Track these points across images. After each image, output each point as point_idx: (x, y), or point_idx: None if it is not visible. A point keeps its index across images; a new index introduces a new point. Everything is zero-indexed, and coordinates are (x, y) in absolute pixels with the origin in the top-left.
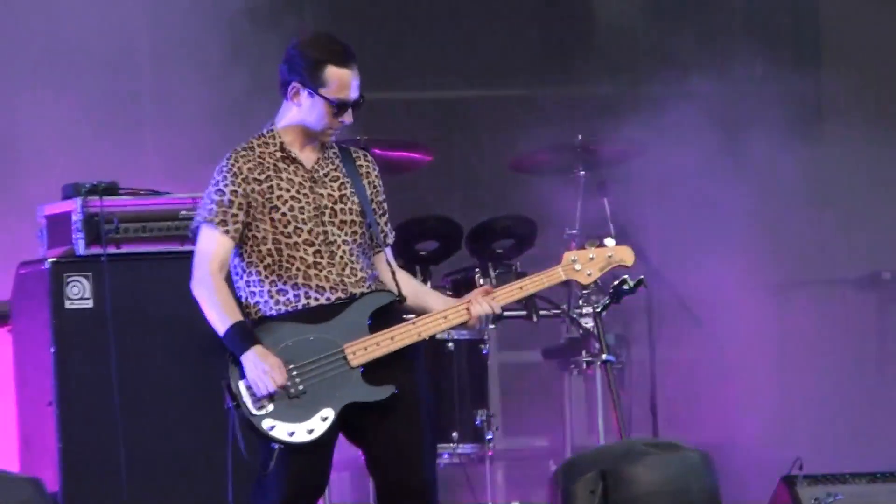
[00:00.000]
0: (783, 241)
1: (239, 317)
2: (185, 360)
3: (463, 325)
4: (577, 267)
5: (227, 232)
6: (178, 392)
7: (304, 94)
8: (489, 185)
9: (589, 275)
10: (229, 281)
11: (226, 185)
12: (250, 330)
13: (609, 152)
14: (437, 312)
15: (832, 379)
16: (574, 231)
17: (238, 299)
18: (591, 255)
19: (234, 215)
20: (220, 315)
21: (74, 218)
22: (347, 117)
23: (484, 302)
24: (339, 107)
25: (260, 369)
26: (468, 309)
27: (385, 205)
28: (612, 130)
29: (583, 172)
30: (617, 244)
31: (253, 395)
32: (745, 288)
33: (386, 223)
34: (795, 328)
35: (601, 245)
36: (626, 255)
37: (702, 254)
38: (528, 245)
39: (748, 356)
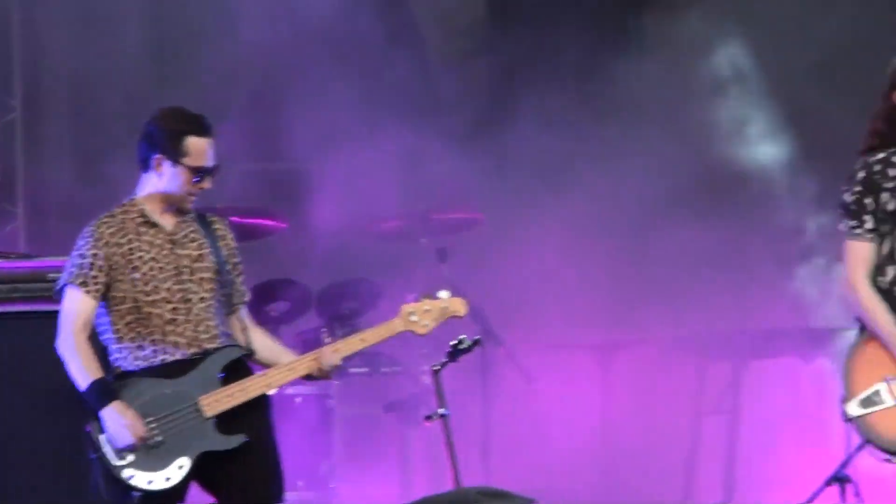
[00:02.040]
0: (603, 303)
1: (99, 373)
2: (54, 416)
3: (309, 377)
4: (414, 318)
5: (87, 292)
6: (46, 448)
7: (167, 164)
8: (340, 250)
9: (425, 325)
10: (96, 338)
11: (87, 249)
12: (110, 386)
13: (450, 221)
14: (284, 364)
15: (650, 433)
16: (414, 294)
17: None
18: (426, 308)
19: (94, 276)
20: (80, 372)
21: None
22: (207, 183)
23: (328, 354)
24: (199, 174)
25: (119, 424)
26: (314, 360)
27: (240, 266)
28: (457, 199)
29: (424, 239)
30: (452, 297)
31: (113, 446)
32: (574, 347)
33: (242, 283)
34: (617, 386)
35: (436, 298)
36: (459, 307)
37: (535, 313)
38: (371, 307)
39: (573, 411)
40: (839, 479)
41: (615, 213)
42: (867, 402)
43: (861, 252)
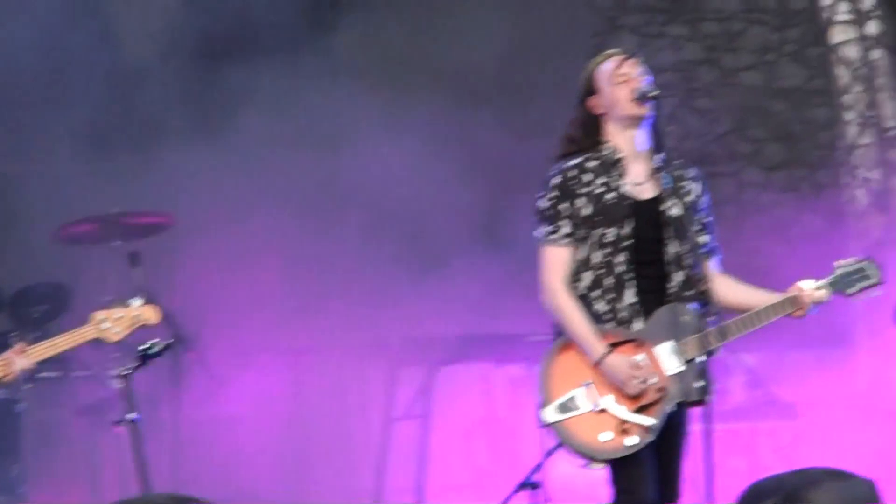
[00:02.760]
0: (295, 306)
1: None
2: None
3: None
4: (106, 325)
5: None
6: None
7: None
8: (33, 254)
9: (116, 333)
10: None
11: None
12: None
13: (142, 224)
14: None
15: (342, 436)
16: (108, 298)
17: None
18: (118, 315)
19: None
20: None
21: None
22: None
23: (18, 358)
24: None
25: None
26: (4, 365)
27: None
28: (148, 203)
29: (117, 243)
30: (144, 305)
31: None
32: (265, 349)
33: None
34: (309, 389)
35: (127, 305)
36: (151, 315)
37: (227, 317)
38: (63, 311)
39: (264, 414)
40: (530, 484)
41: (296, 218)
42: (564, 408)
43: (558, 257)
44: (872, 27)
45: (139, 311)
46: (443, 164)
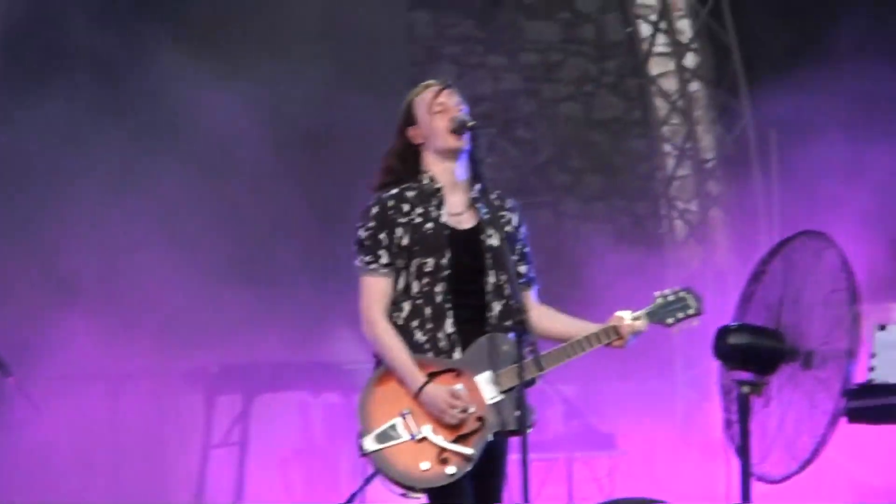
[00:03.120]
0: (114, 333)
1: None
2: None
3: None
4: None
5: None
6: None
7: None
8: None
9: None
10: None
11: None
12: None
13: None
14: None
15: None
16: None
17: None
18: None
19: None
20: None
21: None
22: None
23: None
24: None
25: None
26: None
27: None
28: None
29: None
30: None
31: None
32: (85, 377)
33: None
34: (128, 416)
35: None
36: None
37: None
38: None
39: (82, 441)
40: None
41: (111, 248)
42: (383, 437)
43: (377, 287)
44: (690, 59)
45: None
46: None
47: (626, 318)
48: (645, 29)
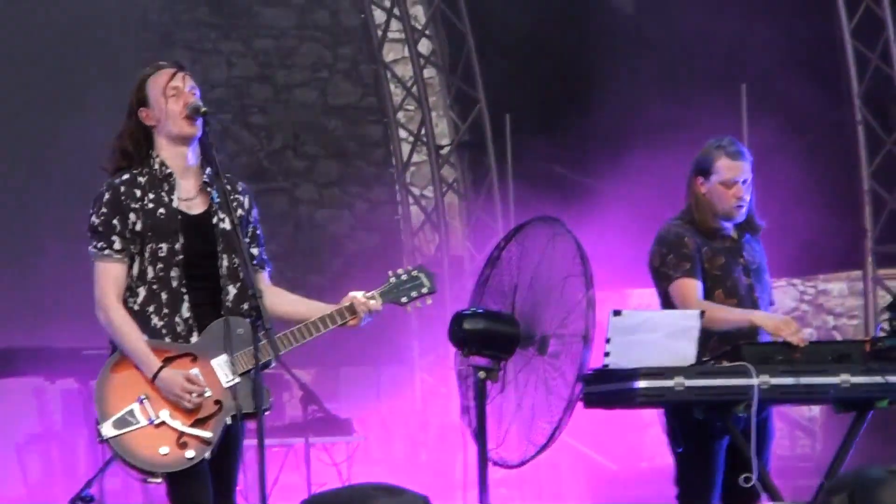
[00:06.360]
0: None
1: None
2: None
3: None
4: None
5: None
6: None
7: None
8: None
9: None
10: None
11: None
12: None
13: None
14: None
15: None
16: None
17: None
18: None
19: None
20: None
21: None
22: None
23: None
24: None
25: None
26: None
27: None
28: None
29: None
30: None
31: None
32: None
33: None
34: None
35: None
36: None
37: None
38: None
39: None
40: (83, 498)
41: None
42: (121, 423)
43: (111, 273)
44: (425, 46)
45: None
46: None
47: (359, 297)
48: (379, 15)
